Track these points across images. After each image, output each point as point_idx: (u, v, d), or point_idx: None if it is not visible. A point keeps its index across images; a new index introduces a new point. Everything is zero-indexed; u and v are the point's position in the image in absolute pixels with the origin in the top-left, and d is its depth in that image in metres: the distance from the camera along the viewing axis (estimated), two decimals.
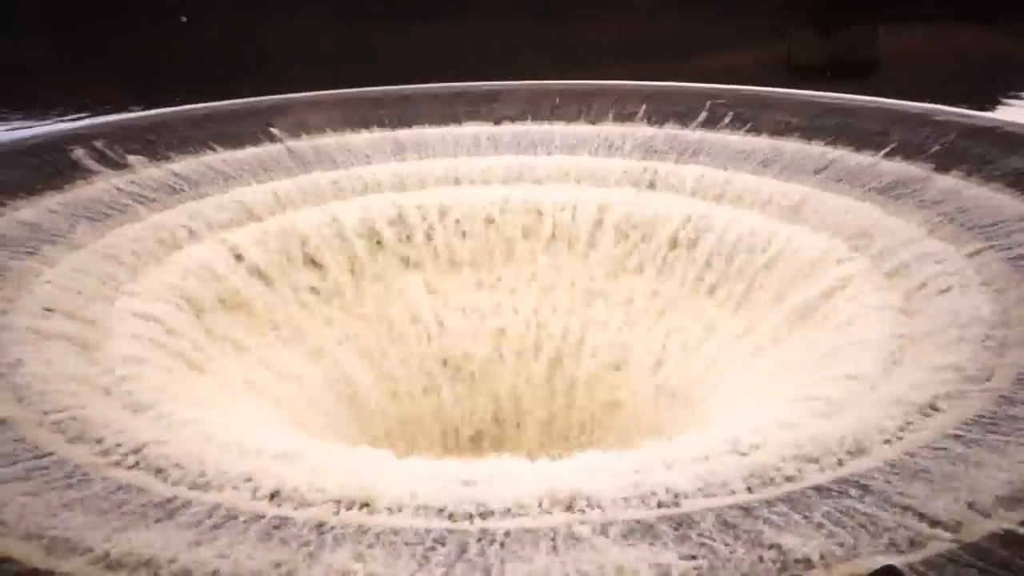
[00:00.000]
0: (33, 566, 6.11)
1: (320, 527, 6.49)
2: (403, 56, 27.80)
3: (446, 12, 38.54)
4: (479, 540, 6.32)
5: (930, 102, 15.09)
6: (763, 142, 14.59)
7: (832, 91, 16.35)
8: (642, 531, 6.34)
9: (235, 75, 25.55)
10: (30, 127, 17.67)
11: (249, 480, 7.11)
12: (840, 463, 7.19)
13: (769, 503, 6.62)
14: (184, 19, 37.32)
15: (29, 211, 11.90)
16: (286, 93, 17.11)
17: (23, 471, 7.21)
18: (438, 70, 20.07)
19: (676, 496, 6.76)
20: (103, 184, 12.98)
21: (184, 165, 13.94)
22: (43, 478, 7.12)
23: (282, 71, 25.59)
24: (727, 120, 15.35)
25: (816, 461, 7.16)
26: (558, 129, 16.00)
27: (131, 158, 13.66)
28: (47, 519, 6.54)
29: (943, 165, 12.66)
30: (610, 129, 15.77)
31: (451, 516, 6.64)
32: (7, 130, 18.23)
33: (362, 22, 37.17)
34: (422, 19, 36.37)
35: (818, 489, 6.79)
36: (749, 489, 6.85)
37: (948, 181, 12.34)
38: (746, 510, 6.55)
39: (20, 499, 6.78)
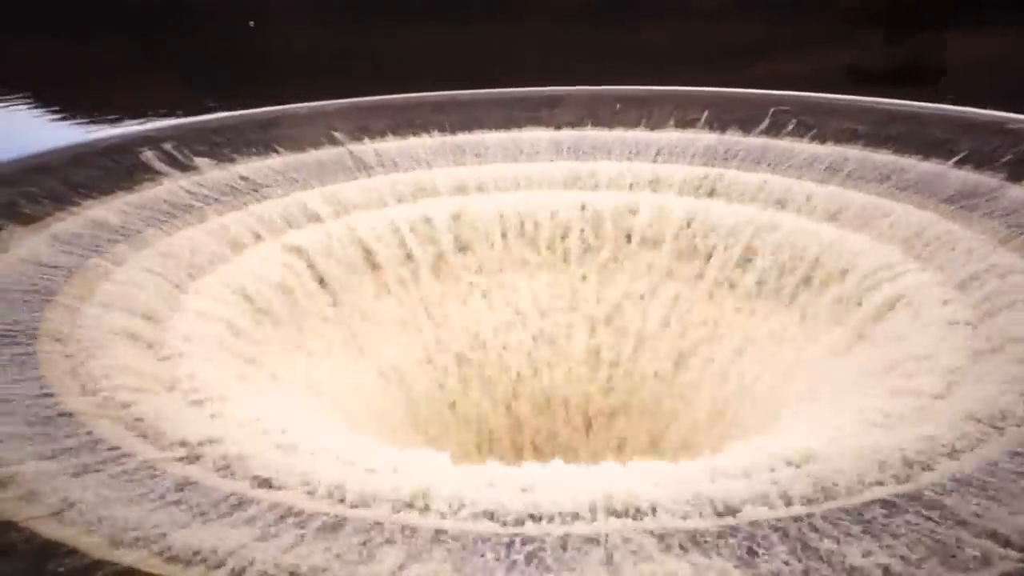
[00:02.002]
0: (97, 557, 6.26)
1: (376, 527, 6.54)
2: (466, 61, 27.97)
3: (509, 17, 38.66)
4: (533, 545, 6.31)
5: (1002, 110, 14.66)
6: (827, 150, 14.32)
7: (900, 98, 15.99)
8: (697, 540, 6.26)
9: (300, 79, 25.98)
10: (104, 129, 18.18)
11: (308, 479, 7.20)
12: (904, 477, 7.03)
13: (829, 516, 6.50)
14: (252, 24, 38.04)
15: (100, 210, 12.25)
16: (349, 97, 17.34)
17: (88, 464, 7.38)
18: (500, 75, 20.13)
19: (732, 506, 6.67)
20: (171, 185, 13.30)
21: (248, 167, 14.21)
22: (107, 472, 7.29)
23: (345, 75, 25.91)
24: (791, 127, 15.12)
25: (879, 475, 7.01)
26: (617, 135, 15.93)
27: (198, 160, 13.99)
28: (111, 512, 6.70)
29: (1015, 175, 12.29)
30: (670, 135, 15.66)
31: (505, 520, 6.64)
32: (82, 132, 18.79)
33: (427, 27, 37.45)
34: (485, 24, 36.55)
35: (880, 503, 6.64)
36: (808, 501, 6.73)
37: (1020, 191, 11.97)
38: (804, 522, 6.43)
39: (85, 492, 6.95)
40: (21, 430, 7.79)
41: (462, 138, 15.93)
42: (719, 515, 6.63)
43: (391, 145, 15.56)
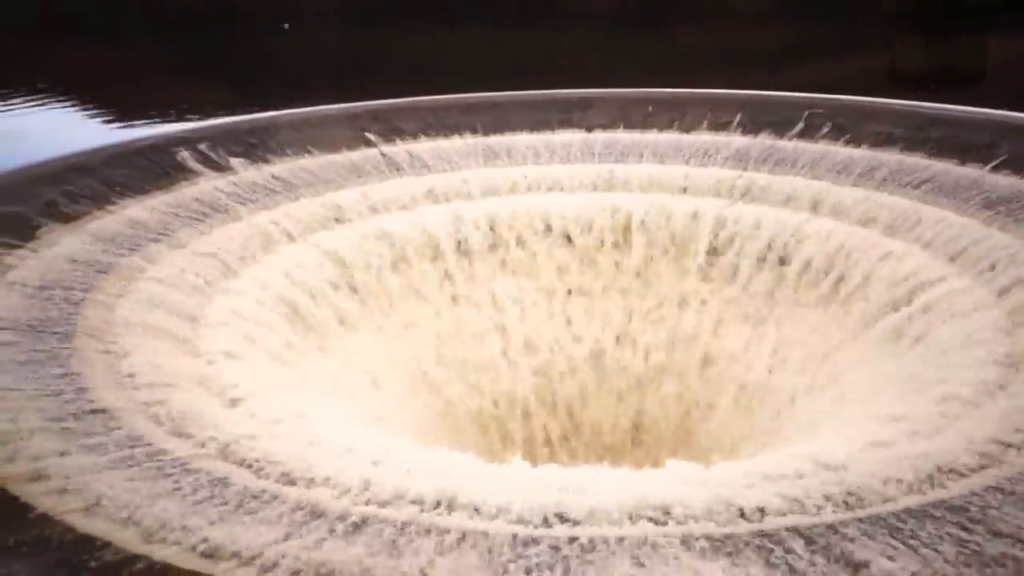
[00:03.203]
0: (131, 552, 6.34)
1: (403, 526, 6.57)
2: (499, 63, 28.02)
3: (544, 19, 38.67)
4: (560, 547, 6.30)
5: None
6: (862, 153, 14.17)
7: (938, 101, 15.79)
8: (726, 546, 6.22)
9: (334, 81, 26.17)
10: (141, 130, 18.44)
11: (337, 477, 7.25)
12: (938, 485, 6.93)
13: (860, 523, 6.43)
14: (286, 26, 38.39)
15: (137, 210, 12.44)
16: (382, 99, 17.43)
17: (122, 459, 7.48)
18: (533, 77, 20.14)
19: (762, 512, 6.62)
20: (205, 185, 13.47)
21: (282, 168, 14.35)
22: (141, 467, 7.39)
23: (378, 77, 26.07)
24: (825, 130, 14.98)
25: (912, 482, 6.92)
26: (650, 138, 15.87)
27: (232, 160, 14.14)
28: (144, 507, 6.78)
29: None
30: (703, 138, 15.56)
31: (533, 522, 6.63)
32: (121, 132, 19.07)
33: (461, 28, 37.58)
34: (519, 26, 36.60)
35: (913, 511, 6.56)
36: (838, 508, 6.66)
37: None
38: (834, 529, 6.37)
39: (119, 486, 7.05)
40: (56, 425, 7.92)
41: (494, 140, 15.95)
42: (750, 520, 6.58)
43: (423, 146, 15.62)
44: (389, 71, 27.51)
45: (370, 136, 15.55)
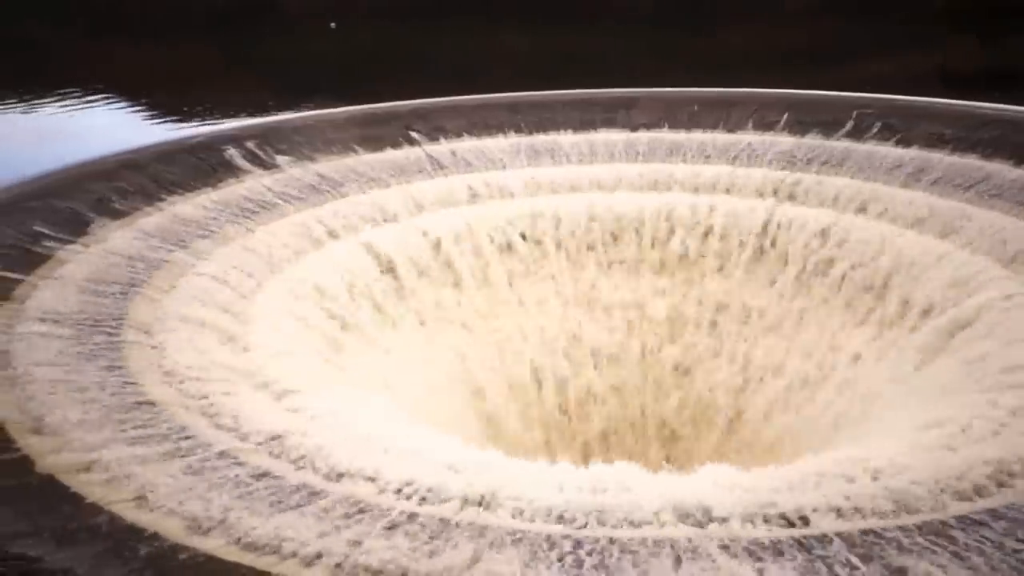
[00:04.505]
0: (176, 542, 6.45)
1: (445, 524, 6.60)
2: (544, 62, 27.99)
3: (588, 18, 38.54)
4: (599, 548, 6.29)
5: None
6: (913, 154, 13.94)
7: (992, 101, 15.45)
8: (767, 550, 6.16)
9: (379, 80, 26.34)
10: (191, 128, 18.73)
11: (378, 474, 7.31)
12: (983, 493, 6.80)
13: (904, 529, 6.33)
14: (333, 25, 38.72)
15: (185, 207, 12.65)
16: (426, 97, 17.52)
17: (170, 452, 7.61)
18: (578, 77, 20.08)
19: (805, 517, 6.54)
20: (252, 183, 13.65)
21: (327, 166, 14.48)
22: (187, 459, 7.51)
23: (422, 76, 26.17)
24: (875, 130, 14.75)
25: (957, 490, 6.79)
26: (695, 137, 15.75)
27: (279, 158, 14.31)
28: (190, 499, 6.90)
29: None
30: (749, 138, 15.42)
31: (573, 522, 6.63)
32: (170, 130, 19.39)
33: (507, 28, 37.59)
34: (564, 25, 36.51)
35: (958, 518, 6.45)
36: (882, 514, 6.56)
37: None
38: (878, 535, 6.28)
39: (166, 478, 7.17)
40: (106, 417, 8.08)
41: (537, 139, 15.95)
42: (790, 525, 6.50)
43: (466, 145, 15.67)
44: (433, 70, 27.61)
45: (414, 135, 15.63)
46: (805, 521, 6.49)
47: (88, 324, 9.66)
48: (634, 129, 16.18)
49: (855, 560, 5.99)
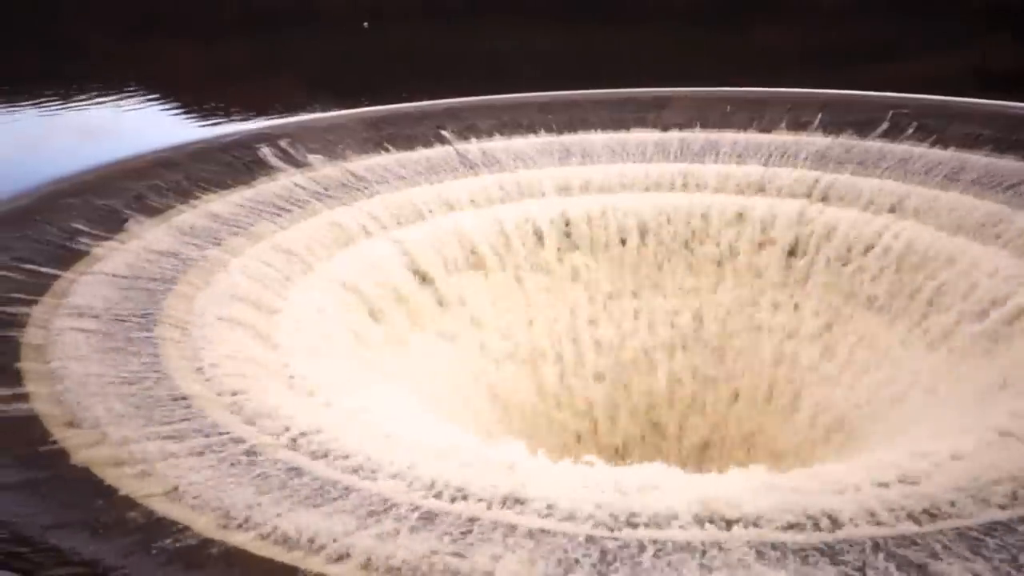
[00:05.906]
0: (207, 536, 6.52)
1: (471, 522, 6.61)
2: (576, 61, 27.94)
3: (621, 17, 38.40)
4: (627, 549, 6.27)
5: None
6: (949, 155, 13.73)
7: None
8: (796, 553, 6.11)
9: (411, 79, 26.43)
10: (225, 126, 18.91)
11: (407, 471, 7.33)
12: (1020, 500, 6.68)
13: (935, 535, 6.25)
14: (366, 25, 38.91)
15: (219, 204, 12.78)
16: (457, 97, 17.55)
17: (201, 447, 7.69)
18: (610, 76, 20.02)
19: (835, 521, 6.48)
20: (285, 181, 13.76)
21: (359, 165, 14.57)
22: (219, 454, 7.59)
23: (454, 75, 26.22)
24: (910, 131, 14.56)
25: (993, 496, 6.69)
26: (728, 137, 15.65)
27: (311, 157, 14.41)
28: (221, 493, 6.97)
29: None
30: (782, 138, 15.28)
31: (601, 523, 6.61)
32: (205, 129, 19.58)
33: (539, 27, 37.55)
34: (597, 24, 36.41)
35: (991, 524, 6.35)
36: (914, 519, 6.48)
37: None
38: (909, 540, 6.20)
39: (197, 473, 7.25)
40: (140, 411, 8.18)
41: (568, 138, 15.93)
42: (822, 529, 6.44)
43: (497, 144, 15.68)
44: (466, 69, 27.65)
45: (446, 134, 15.67)
46: (836, 526, 6.42)
47: (123, 320, 9.79)
48: (666, 129, 16.10)
49: (891, 566, 5.92)
